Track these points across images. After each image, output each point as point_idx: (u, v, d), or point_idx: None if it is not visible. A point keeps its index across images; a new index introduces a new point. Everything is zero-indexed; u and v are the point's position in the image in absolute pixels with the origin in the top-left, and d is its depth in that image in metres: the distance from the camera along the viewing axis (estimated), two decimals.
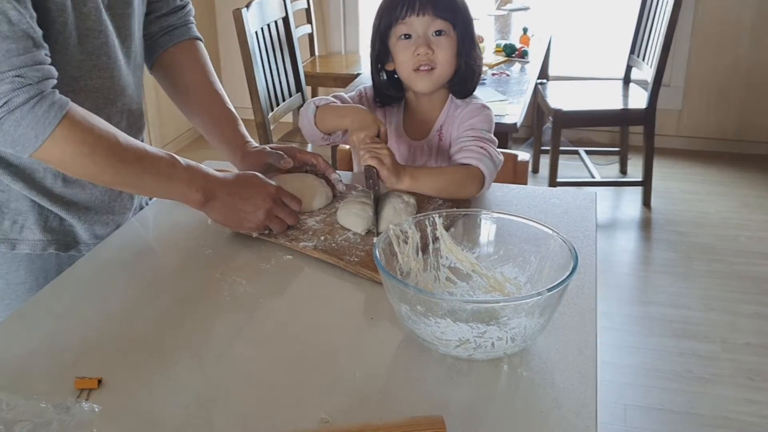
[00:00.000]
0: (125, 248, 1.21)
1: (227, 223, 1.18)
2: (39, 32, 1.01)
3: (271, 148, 1.33)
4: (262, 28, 2.76)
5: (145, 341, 0.96)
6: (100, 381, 0.86)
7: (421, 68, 1.34)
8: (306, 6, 3.60)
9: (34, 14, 1.00)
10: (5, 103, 0.97)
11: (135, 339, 0.96)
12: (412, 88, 1.39)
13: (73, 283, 1.11)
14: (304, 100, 3.11)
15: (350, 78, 3.36)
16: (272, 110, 2.79)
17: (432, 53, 1.32)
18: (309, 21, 3.66)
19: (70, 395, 0.84)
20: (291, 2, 3.05)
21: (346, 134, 1.35)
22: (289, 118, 3.35)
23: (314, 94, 3.85)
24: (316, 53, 3.83)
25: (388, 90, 1.42)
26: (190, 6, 1.37)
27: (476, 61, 1.38)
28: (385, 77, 1.41)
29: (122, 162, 1.07)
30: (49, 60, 1.02)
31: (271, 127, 2.76)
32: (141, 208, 1.35)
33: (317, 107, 1.36)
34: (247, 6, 2.66)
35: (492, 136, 1.36)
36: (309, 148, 2.97)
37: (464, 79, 1.38)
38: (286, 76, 2.97)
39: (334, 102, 1.38)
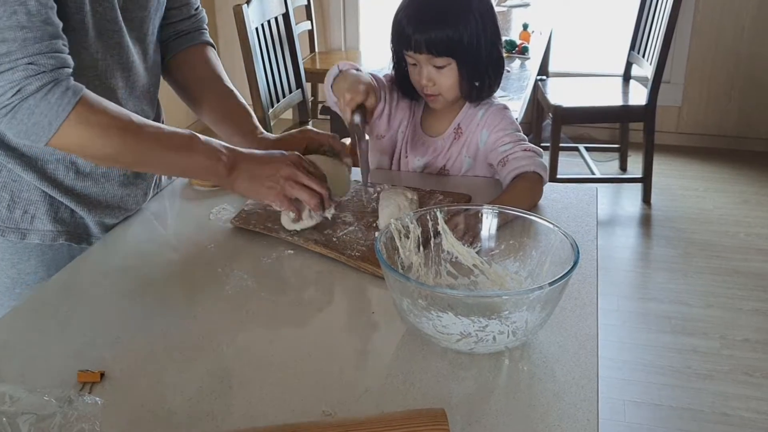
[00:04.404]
0: (128, 243, 1.22)
1: (252, 194, 1.16)
2: (59, 24, 1.01)
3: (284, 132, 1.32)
4: (262, 25, 2.76)
5: (148, 335, 0.96)
6: (102, 374, 0.87)
7: (427, 94, 1.38)
8: (306, 2, 3.59)
9: (54, 5, 1.00)
10: (18, 90, 0.96)
11: (137, 333, 0.97)
12: None
13: (75, 277, 1.12)
14: (304, 97, 3.11)
15: None
16: (272, 106, 2.79)
17: (434, 85, 1.35)
18: (309, 17, 3.66)
19: (73, 388, 0.84)
20: None
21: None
22: (288, 114, 3.34)
23: (314, 91, 3.85)
24: (317, 50, 3.82)
25: (408, 88, 1.43)
26: (203, 14, 1.38)
27: (490, 76, 1.37)
28: (405, 73, 1.42)
29: (139, 141, 1.06)
30: (66, 50, 1.02)
31: (272, 123, 2.76)
32: None
33: (340, 71, 1.34)
34: (248, 2, 2.65)
35: (522, 133, 1.39)
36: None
37: (474, 93, 1.39)
38: (287, 72, 2.97)
39: (358, 69, 1.36)
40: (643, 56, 3.33)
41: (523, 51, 3.00)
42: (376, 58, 3.51)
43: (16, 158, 1.14)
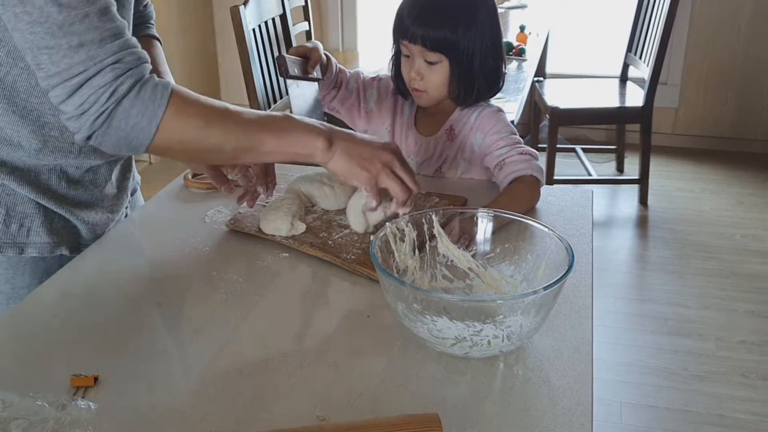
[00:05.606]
0: (122, 246, 1.21)
1: (346, 172, 1.09)
2: (123, 20, 0.97)
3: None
4: (259, 25, 2.75)
5: (141, 339, 0.96)
6: (96, 379, 0.86)
7: (414, 89, 1.38)
8: (303, 3, 3.59)
9: (114, 2, 0.96)
10: (113, 93, 0.92)
11: (131, 337, 0.96)
12: None
13: (68, 280, 1.11)
14: None
15: None
16: (269, 107, 2.79)
17: (422, 79, 1.35)
18: (306, 18, 3.65)
19: (66, 393, 0.84)
20: None
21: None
22: None
23: None
24: None
25: (400, 85, 1.44)
26: (152, 9, 1.35)
27: (482, 85, 1.37)
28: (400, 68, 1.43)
29: (239, 126, 1.03)
30: (138, 45, 0.98)
31: None
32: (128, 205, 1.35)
33: None
34: (245, 3, 2.65)
35: (518, 136, 1.39)
36: None
37: (462, 96, 1.39)
38: None
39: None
40: (640, 58, 3.34)
41: (520, 53, 3.00)
42: (373, 59, 3.51)
43: (8, 173, 1.12)
